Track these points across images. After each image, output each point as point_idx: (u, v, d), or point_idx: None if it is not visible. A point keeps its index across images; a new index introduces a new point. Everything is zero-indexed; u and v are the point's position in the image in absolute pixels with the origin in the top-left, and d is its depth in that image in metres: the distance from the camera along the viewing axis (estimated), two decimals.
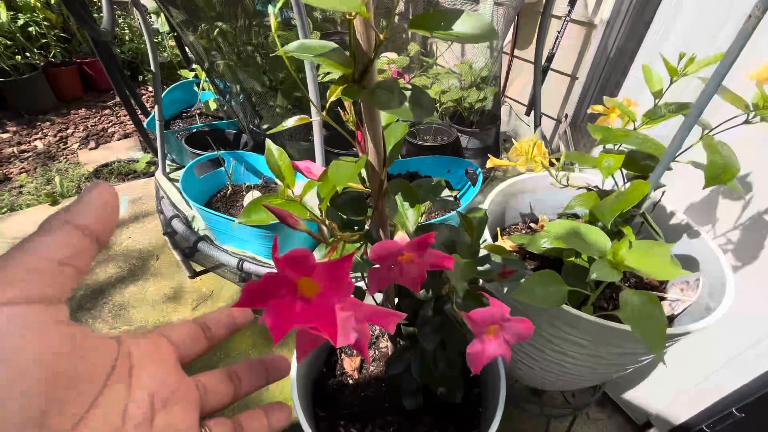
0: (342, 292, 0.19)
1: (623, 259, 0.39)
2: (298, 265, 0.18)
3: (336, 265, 0.18)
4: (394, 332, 0.56)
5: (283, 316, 0.19)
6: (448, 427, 0.59)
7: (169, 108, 1.30)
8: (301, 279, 0.20)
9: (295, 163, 0.31)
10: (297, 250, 0.18)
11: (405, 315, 0.19)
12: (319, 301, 0.19)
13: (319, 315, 0.19)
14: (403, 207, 0.32)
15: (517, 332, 0.32)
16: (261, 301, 0.19)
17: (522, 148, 0.50)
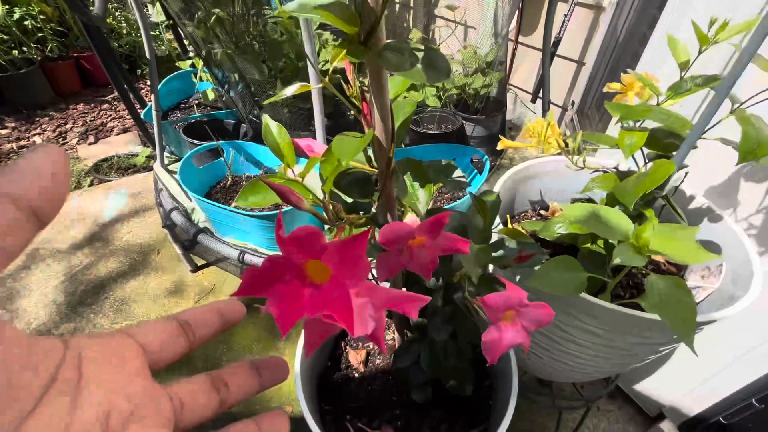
0: (357, 276, 0.17)
1: (647, 242, 0.36)
2: (305, 245, 0.16)
3: (349, 244, 0.16)
4: (401, 324, 0.54)
5: (291, 304, 0.17)
6: (458, 421, 0.57)
7: (166, 99, 1.28)
8: (310, 262, 0.18)
9: (296, 141, 0.29)
10: (304, 228, 0.16)
11: (429, 299, 0.17)
12: (331, 286, 0.17)
13: (332, 302, 0.17)
14: (413, 187, 0.30)
15: (536, 318, 0.30)
16: (264, 288, 0.17)
17: (535, 129, 0.48)
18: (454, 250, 0.28)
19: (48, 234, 1.34)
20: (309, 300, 0.17)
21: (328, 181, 0.27)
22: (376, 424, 0.56)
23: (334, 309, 0.16)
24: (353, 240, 0.16)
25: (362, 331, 0.16)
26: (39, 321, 1.08)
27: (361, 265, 0.16)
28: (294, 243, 0.16)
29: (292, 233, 0.15)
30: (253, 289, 0.16)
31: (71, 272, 1.21)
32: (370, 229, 0.16)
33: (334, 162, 0.26)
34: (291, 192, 0.21)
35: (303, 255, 0.17)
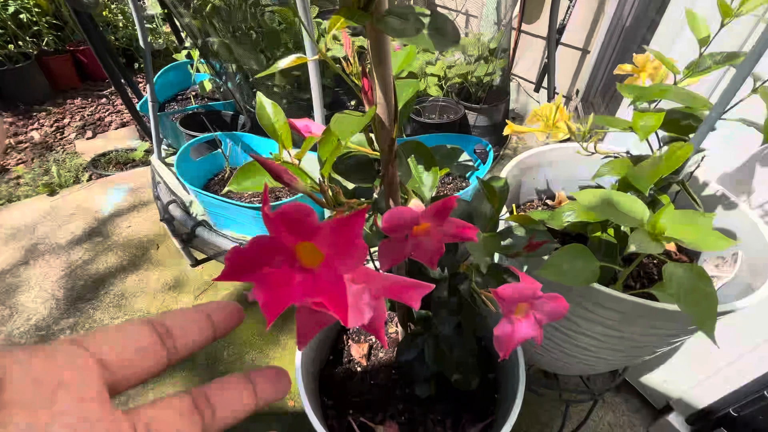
0: (352, 259, 0.15)
1: (663, 229, 0.34)
2: (295, 225, 0.14)
3: (344, 224, 0.14)
4: (404, 316, 0.53)
5: (279, 289, 0.15)
6: (463, 415, 0.56)
7: (163, 91, 1.26)
8: (301, 244, 0.16)
9: (292, 120, 0.27)
10: (294, 205, 0.14)
11: (433, 286, 0.15)
12: (324, 270, 0.15)
13: (325, 288, 0.15)
14: (418, 171, 0.28)
15: (550, 311, 0.28)
16: (250, 272, 0.15)
17: (542, 113, 0.45)
18: (461, 238, 0.27)
19: (46, 229, 1.33)
20: (299, 286, 0.15)
21: (326, 164, 0.25)
22: (379, 418, 0.55)
23: (325, 296, 0.14)
24: (348, 219, 0.14)
25: (357, 321, 0.14)
26: (38, 317, 1.07)
27: (356, 247, 0.14)
28: (282, 221, 0.14)
29: (280, 210, 0.14)
30: (238, 273, 0.15)
31: (70, 267, 1.20)
32: (366, 207, 0.14)
33: (334, 142, 0.24)
34: (284, 170, 0.19)
35: (292, 236, 0.15)
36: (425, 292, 0.15)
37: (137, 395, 0.89)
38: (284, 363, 0.95)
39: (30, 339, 1.01)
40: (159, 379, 0.92)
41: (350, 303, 0.14)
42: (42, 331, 1.03)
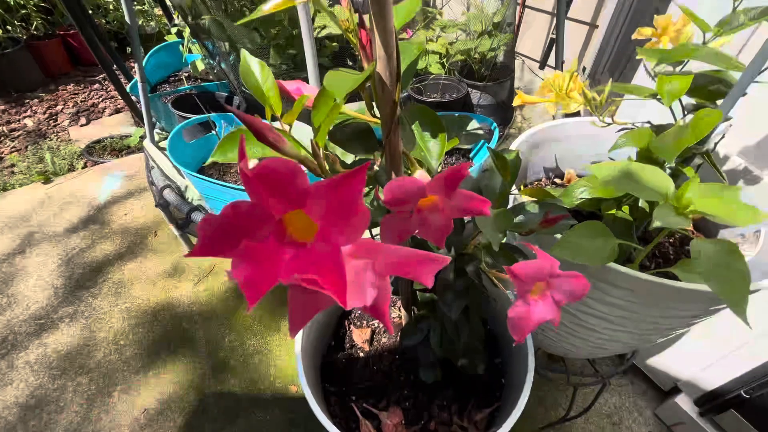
0: (351, 228, 0.12)
1: (689, 203, 0.32)
2: (280, 187, 0.12)
3: (341, 184, 0.12)
4: (410, 300, 0.51)
5: (263, 266, 0.12)
6: (469, 400, 0.55)
7: (154, 73, 1.21)
8: (290, 214, 0.13)
9: (282, 82, 0.24)
10: (278, 161, 0.11)
11: (448, 259, 0.13)
12: (319, 243, 0.13)
13: (319, 263, 0.12)
14: (423, 138, 0.25)
15: (569, 290, 0.25)
16: (228, 245, 0.12)
17: (554, 83, 0.42)
18: (472, 212, 0.24)
19: (42, 217, 1.31)
20: (289, 262, 0.12)
21: (321, 131, 0.23)
22: (383, 404, 0.54)
23: (319, 272, 0.11)
24: (346, 179, 0.11)
25: (358, 302, 0.12)
26: (38, 305, 1.05)
27: (356, 213, 0.12)
28: (264, 183, 0.11)
29: (260, 167, 0.11)
30: (214, 247, 0.12)
31: (68, 255, 1.18)
32: (368, 163, 0.12)
33: (329, 104, 0.21)
34: (268, 128, 0.17)
35: (278, 202, 0.12)
36: (439, 266, 0.13)
37: (138, 383, 0.89)
38: (285, 350, 0.94)
39: (29, 328, 1.00)
40: (160, 367, 0.91)
41: (350, 281, 0.12)
42: (41, 320, 1.02)
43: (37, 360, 0.93)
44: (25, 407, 0.85)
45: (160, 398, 0.86)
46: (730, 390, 0.68)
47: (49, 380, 0.90)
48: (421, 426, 0.51)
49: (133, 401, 0.86)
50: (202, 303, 1.04)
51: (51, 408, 0.85)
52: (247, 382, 0.88)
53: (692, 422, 0.76)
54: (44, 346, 0.96)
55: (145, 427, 0.82)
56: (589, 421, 0.84)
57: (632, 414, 0.85)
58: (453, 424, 0.51)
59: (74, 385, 0.89)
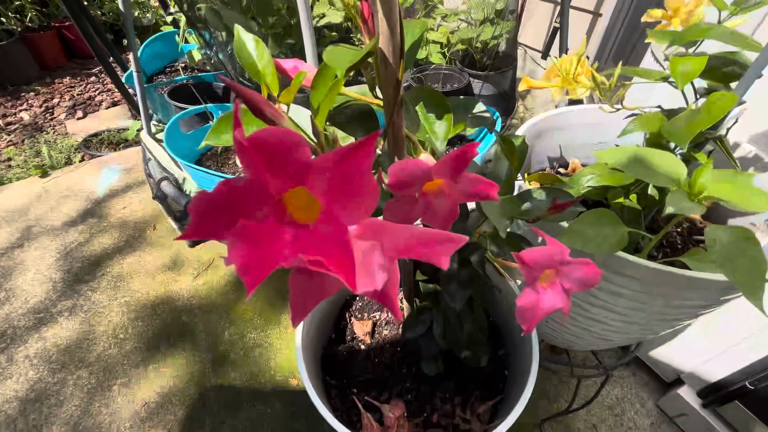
0: (359, 206, 0.11)
1: (703, 188, 0.31)
2: (280, 160, 0.11)
3: (347, 157, 0.10)
4: (412, 291, 0.50)
5: (262, 247, 0.11)
6: (472, 393, 0.54)
7: (150, 64, 1.19)
8: (290, 192, 0.12)
9: (279, 60, 0.23)
10: (277, 131, 0.10)
11: (466, 238, 0.12)
12: (323, 225, 0.12)
13: (324, 245, 0.11)
14: (428, 119, 0.24)
15: (580, 278, 0.24)
16: (223, 226, 0.11)
17: (562, 67, 0.41)
18: (479, 196, 0.23)
19: (40, 211, 1.30)
20: (291, 243, 0.11)
21: (320, 111, 0.21)
22: (384, 397, 0.53)
23: (325, 253, 0.10)
24: (352, 150, 0.10)
25: (368, 286, 0.11)
26: (36, 299, 1.05)
27: (364, 189, 0.11)
28: (262, 153, 0.10)
29: (257, 135, 0.10)
30: (207, 228, 0.11)
31: (66, 249, 1.17)
32: (377, 133, 0.11)
33: (329, 81, 0.20)
34: (265, 102, 0.15)
35: (277, 177, 0.11)
36: (456, 246, 0.12)
37: (138, 377, 0.88)
38: (285, 343, 0.94)
39: (28, 321, 1.00)
40: (160, 360, 0.90)
41: (357, 264, 0.11)
42: (40, 314, 1.01)
43: (37, 354, 0.93)
44: (25, 401, 0.85)
45: (160, 391, 0.86)
46: (735, 381, 0.68)
47: (49, 374, 0.89)
48: (423, 418, 0.51)
49: (133, 395, 0.85)
50: (201, 297, 1.03)
51: (51, 401, 0.85)
52: (247, 376, 0.88)
53: (695, 413, 0.76)
54: (43, 340, 0.95)
55: (146, 420, 0.82)
56: (591, 413, 0.84)
57: (634, 405, 0.85)
58: (456, 416, 0.50)
59: (74, 378, 0.88)
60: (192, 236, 0.11)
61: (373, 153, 0.10)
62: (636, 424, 0.82)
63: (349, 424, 0.50)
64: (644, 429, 0.82)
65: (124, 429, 0.81)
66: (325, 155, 0.11)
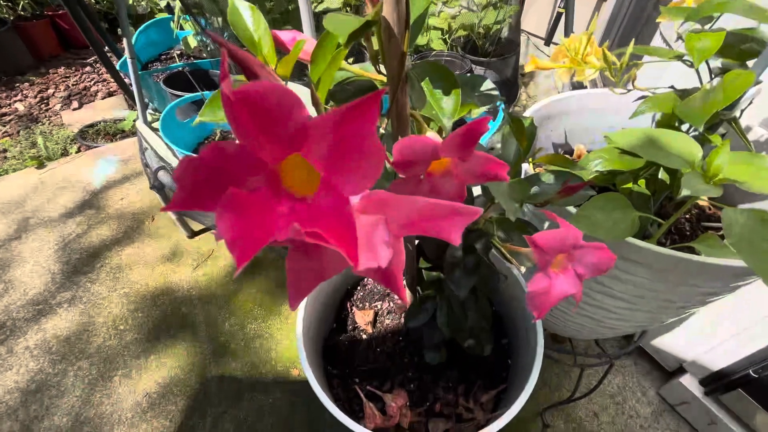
0: (362, 173, 0.10)
1: (719, 170, 0.29)
2: (273, 120, 0.09)
3: (349, 117, 0.09)
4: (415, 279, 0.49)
5: (254, 218, 0.10)
6: (475, 382, 0.54)
7: (145, 51, 1.17)
8: (286, 161, 0.11)
9: (276, 32, 0.21)
10: (268, 84, 0.09)
11: (480, 210, 0.11)
12: (322, 197, 0.11)
13: (323, 217, 0.10)
14: (435, 95, 0.22)
15: (593, 263, 0.23)
16: (211, 195, 0.10)
17: (570, 47, 0.39)
18: (488, 176, 0.22)
19: (37, 203, 1.28)
20: (287, 215, 0.10)
21: (321, 85, 0.20)
22: (387, 387, 0.52)
23: (325, 225, 0.09)
24: (355, 108, 0.09)
25: (371, 262, 0.10)
26: (35, 291, 1.04)
27: (368, 154, 0.09)
28: (252, 111, 0.09)
29: (247, 88, 0.09)
30: (195, 197, 0.10)
31: (64, 241, 1.16)
32: (383, 90, 0.09)
33: (330, 53, 0.19)
34: (259, 64, 0.14)
35: (270, 142, 0.10)
36: (469, 219, 0.11)
37: (139, 367, 0.88)
38: (285, 333, 0.93)
39: (27, 313, 0.99)
40: (161, 351, 0.90)
41: (360, 237, 0.10)
42: (39, 305, 1.01)
43: (37, 345, 0.93)
44: (26, 392, 0.85)
45: (161, 382, 0.85)
46: (738, 370, 0.67)
47: (50, 365, 0.89)
48: (426, 408, 0.50)
49: (134, 385, 0.85)
50: (201, 288, 1.03)
51: (52, 392, 0.85)
52: (248, 366, 0.88)
53: (696, 401, 0.76)
54: (43, 332, 0.95)
55: (148, 410, 0.82)
56: (593, 401, 0.84)
57: (635, 394, 0.85)
58: (459, 405, 0.50)
59: (75, 369, 0.88)
60: (179, 207, 0.10)
61: (378, 112, 0.09)
62: (637, 412, 0.82)
63: (351, 413, 0.49)
64: (645, 417, 0.82)
65: (126, 419, 0.80)
66: (324, 115, 0.09)
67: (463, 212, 0.11)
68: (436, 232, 0.11)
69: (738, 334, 0.67)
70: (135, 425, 0.80)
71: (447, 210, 0.11)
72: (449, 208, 0.11)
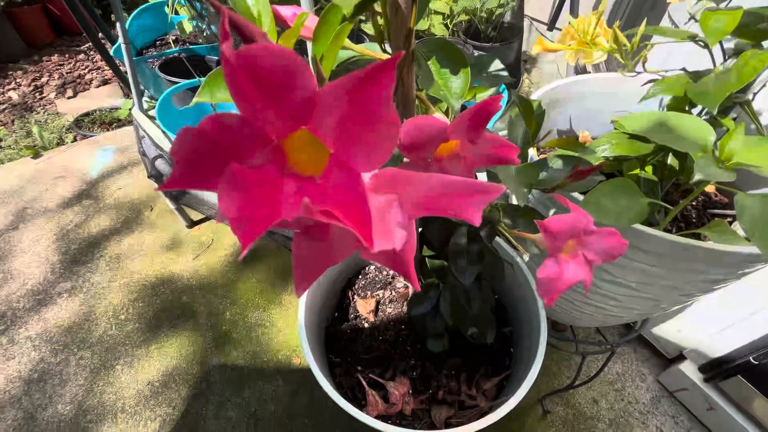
0: (376, 147, 0.09)
1: (732, 154, 0.29)
2: (277, 86, 0.09)
3: (363, 83, 0.08)
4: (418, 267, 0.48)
5: (259, 196, 0.09)
6: (478, 369, 0.54)
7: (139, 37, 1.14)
8: (291, 137, 0.10)
9: (276, 7, 0.20)
10: (272, 47, 0.08)
11: (503, 188, 0.10)
12: (332, 175, 0.10)
13: (333, 196, 0.09)
14: (442, 74, 0.21)
15: (605, 249, 0.23)
16: (212, 171, 0.09)
17: (579, 28, 0.38)
18: (497, 159, 0.21)
19: (34, 193, 1.27)
20: (294, 195, 0.09)
21: (324, 63, 0.19)
22: (389, 375, 0.53)
23: (336, 205, 0.08)
24: (370, 73, 0.08)
25: (386, 244, 0.09)
26: (34, 281, 1.04)
27: (383, 124, 0.09)
28: (254, 77, 0.08)
29: (249, 50, 0.08)
30: (193, 174, 0.09)
31: (62, 231, 1.15)
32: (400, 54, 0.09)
33: (333, 28, 0.18)
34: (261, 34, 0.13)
35: (274, 112, 0.09)
36: (489, 197, 0.10)
37: (141, 356, 0.88)
38: (286, 322, 0.93)
39: (27, 303, 0.99)
40: (163, 340, 0.90)
41: (374, 217, 0.09)
42: (39, 295, 1.01)
43: (38, 335, 0.93)
44: (28, 381, 0.85)
45: (164, 371, 0.86)
46: (739, 357, 0.68)
47: (51, 354, 0.89)
48: (428, 395, 0.50)
49: (136, 374, 0.85)
50: (201, 277, 1.02)
51: (55, 381, 0.85)
52: (250, 355, 0.88)
53: (695, 388, 0.76)
54: (44, 321, 0.95)
55: (151, 398, 0.82)
56: (592, 388, 0.84)
57: (635, 381, 0.86)
58: (461, 392, 0.50)
59: (76, 359, 0.88)
60: (177, 184, 0.09)
61: (394, 78, 0.08)
62: (636, 398, 0.83)
63: (353, 401, 0.49)
64: (644, 403, 0.83)
65: (129, 407, 0.81)
66: (334, 83, 0.09)
67: (484, 189, 0.10)
68: (454, 212, 0.10)
69: (739, 321, 0.67)
70: (138, 413, 0.80)
71: (465, 187, 0.10)
72: (469, 186, 0.10)
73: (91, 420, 0.79)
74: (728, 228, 0.34)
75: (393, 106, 0.09)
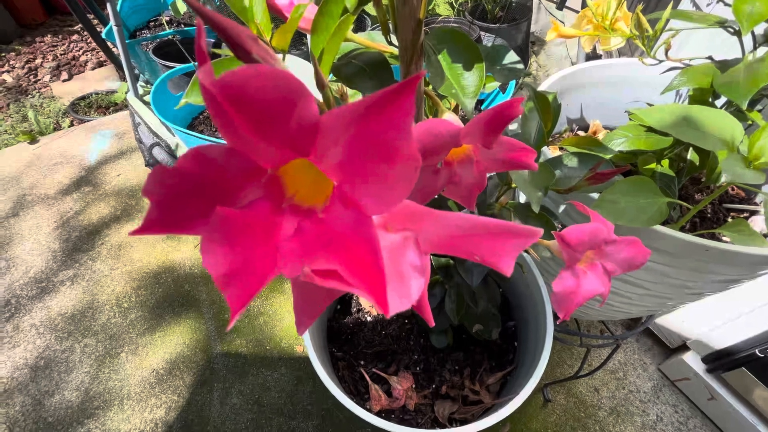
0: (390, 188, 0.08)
1: (762, 153, 0.27)
2: (270, 115, 0.07)
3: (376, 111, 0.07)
4: None
5: (251, 247, 0.08)
6: (481, 364, 0.53)
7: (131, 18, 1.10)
8: (289, 165, 0.09)
9: None
10: (263, 69, 0.06)
11: (540, 231, 0.09)
12: (336, 211, 0.08)
13: (338, 241, 0.08)
14: (454, 70, 0.19)
15: (626, 259, 0.21)
16: (194, 214, 0.08)
17: (597, 11, 0.35)
18: (514, 165, 0.19)
19: (33, 179, 1.26)
20: (292, 240, 0.08)
21: (325, 58, 0.17)
22: (392, 369, 0.52)
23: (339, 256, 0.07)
24: (384, 99, 0.07)
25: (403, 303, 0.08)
26: (36, 269, 1.04)
27: (399, 161, 0.07)
28: (242, 108, 0.07)
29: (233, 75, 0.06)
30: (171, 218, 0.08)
31: (63, 218, 1.15)
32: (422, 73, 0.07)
33: (334, 20, 0.16)
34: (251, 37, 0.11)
35: (268, 144, 0.07)
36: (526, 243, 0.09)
37: (145, 344, 0.89)
38: (289, 311, 0.93)
39: (31, 291, 0.99)
40: (166, 328, 0.91)
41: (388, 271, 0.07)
42: (42, 283, 1.01)
43: (42, 323, 0.93)
44: (35, 368, 0.86)
45: (168, 358, 0.86)
46: (744, 349, 0.67)
47: (56, 342, 0.90)
48: (432, 390, 0.50)
49: (141, 362, 0.86)
50: (203, 266, 1.02)
51: (61, 368, 0.86)
52: (253, 343, 0.88)
53: (697, 378, 0.77)
54: (48, 309, 0.95)
55: (155, 385, 0.83)
56: (594, 377, 0.85)
57: (636, 370, 0.86)
58: (465, 387, 0.49)
59: (81, 347, 0.89)
60: (153, 229, 0.08)
61: (413, 104, 0.07)
62: (637, 387, 0.84)
63: (356, 395, 0.49)
64: (645, 392, 0.83)
65: (135, 394, 0.82)
66: (340, 109, 0.07)
67: (518, 233, 0.08)
68: (483, 259, 0.09)
69: (745, 314, 0.66)
70: (144, 399, 0.81)
71: (497, 230, 0.08)
72: (500, 228, 0.08)
73: (98, 406, 0.81)
74: (749, 228, 0.32)
75: (412, 138, 0.07)
